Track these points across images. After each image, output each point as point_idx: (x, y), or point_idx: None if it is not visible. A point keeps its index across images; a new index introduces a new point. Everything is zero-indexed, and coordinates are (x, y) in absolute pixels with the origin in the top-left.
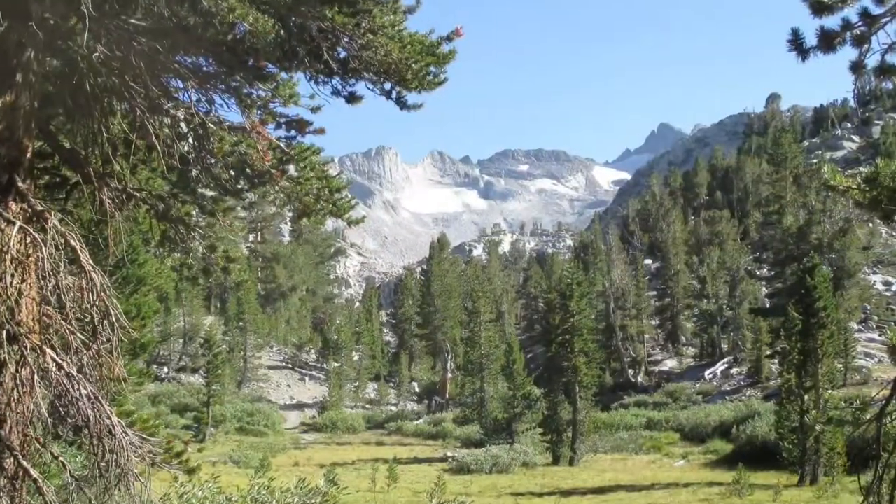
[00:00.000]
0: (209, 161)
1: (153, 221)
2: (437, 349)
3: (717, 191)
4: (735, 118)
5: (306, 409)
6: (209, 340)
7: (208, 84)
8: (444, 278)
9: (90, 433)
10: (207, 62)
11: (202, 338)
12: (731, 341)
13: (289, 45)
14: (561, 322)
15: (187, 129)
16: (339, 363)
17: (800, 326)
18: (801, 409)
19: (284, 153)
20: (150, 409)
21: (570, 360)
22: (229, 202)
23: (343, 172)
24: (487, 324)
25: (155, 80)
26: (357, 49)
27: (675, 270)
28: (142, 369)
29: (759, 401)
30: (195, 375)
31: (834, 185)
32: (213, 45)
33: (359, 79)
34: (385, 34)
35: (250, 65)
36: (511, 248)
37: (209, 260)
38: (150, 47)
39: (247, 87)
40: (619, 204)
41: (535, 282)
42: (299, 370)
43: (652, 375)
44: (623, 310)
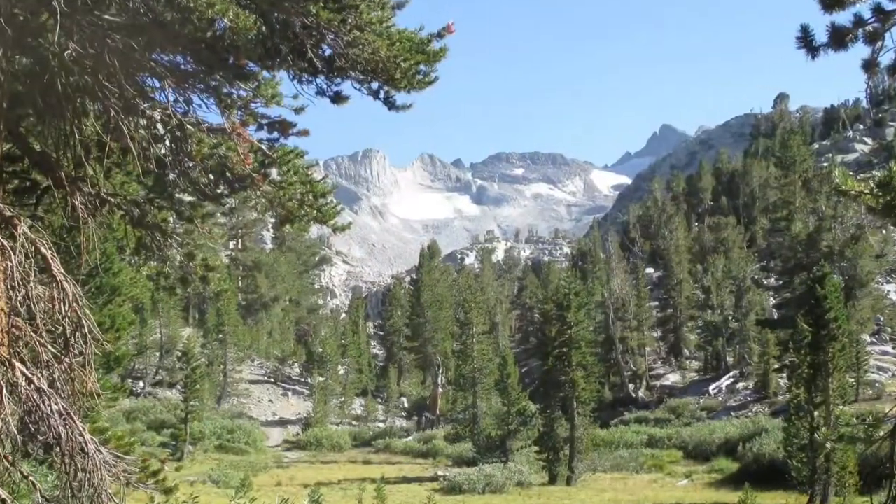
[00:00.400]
0: (187, 164)
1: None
2: (427, 363)
3: (723, 196)
4: (741, 119)
5: (289, 426)
6: (187, 353)
7: (186, 83)
8: (435, 288)
9: (62, 451)
10: (185, 60)
11: (180, 351)
12: (737, 354)
13: (271, 42)
14: (558, 334)
15: (164, 131)
16: (324, 377)
17: (809, 339)
18: (810, 425)
19: (266, 156)
20: (124, 425)
21: (567, 375)
22: (208, 208)
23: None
24: (480, 336)
25: (130, 80)
26: (343, 46)
27: (677, 280)
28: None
29: (766, 417)
30: (172, 390)
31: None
32: (192, 42)
33: (345, 78)
34: (372, 31)
35: (230, 63)
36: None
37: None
38: (125, 45)
39: (227, 86)
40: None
41: (531, 292)
42: (282, 385)
43: (653, 390)
44: (623, 321)
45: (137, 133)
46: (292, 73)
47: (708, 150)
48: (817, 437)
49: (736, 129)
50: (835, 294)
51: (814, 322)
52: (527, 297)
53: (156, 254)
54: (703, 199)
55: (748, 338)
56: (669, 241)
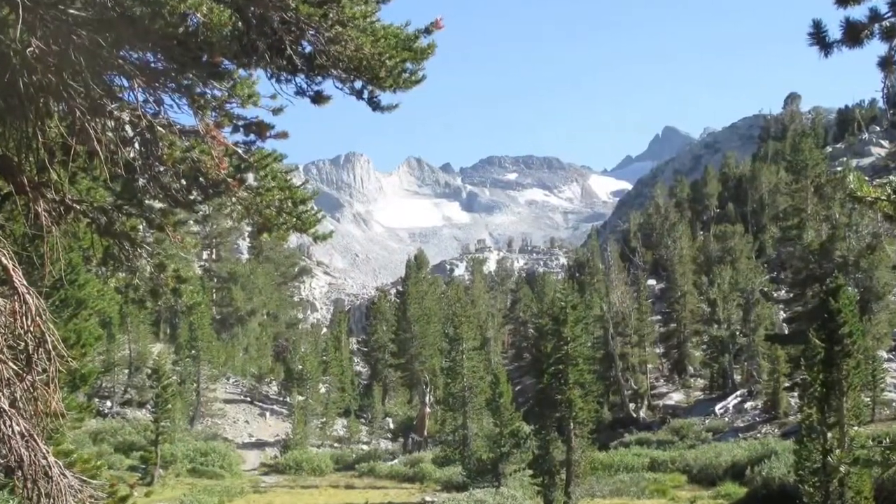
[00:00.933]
0: (157, 169)
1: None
2: (414, 381)
3: (729, 202)
4: (749, 121)
5: (267, 448)
6: (158, 371)
7: (157, 82)
8: (422, 301)
9: (24, 475)
10: (156, 58)
11: (150, 368)
12: (745, 372)
13: (247, 38)
14: (553, 350)
15: (133, 133)
16: (304, 396)
17: (822, 355)
18: (823, 447)
19: (242, 160)
20: (91, 447)
21: (563, 394)
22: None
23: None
24: (471, 352)
25: (97, 78)
26: (324, 43)
27: (681, 292)
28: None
29: (776, 439)
30: (142, 410)
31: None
32: (163, 38)
33: (326, 76)
34: (356, 26)
35: (204, 61)
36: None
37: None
38: (92, 41)
39: (200, 85)
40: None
41: (525, 305)
42: (259, 404)
43: (656, 410)
44: (623, 336)
45: (105, 135)
46: (270, 71)
47: (714, 153)
48: (831, 460)
49: (744, 132)
50: (849, 307)
51: (827, 337)
52: (520, 310)
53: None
54: (709, 205)
55: (757, 354)
56: (673, 250)
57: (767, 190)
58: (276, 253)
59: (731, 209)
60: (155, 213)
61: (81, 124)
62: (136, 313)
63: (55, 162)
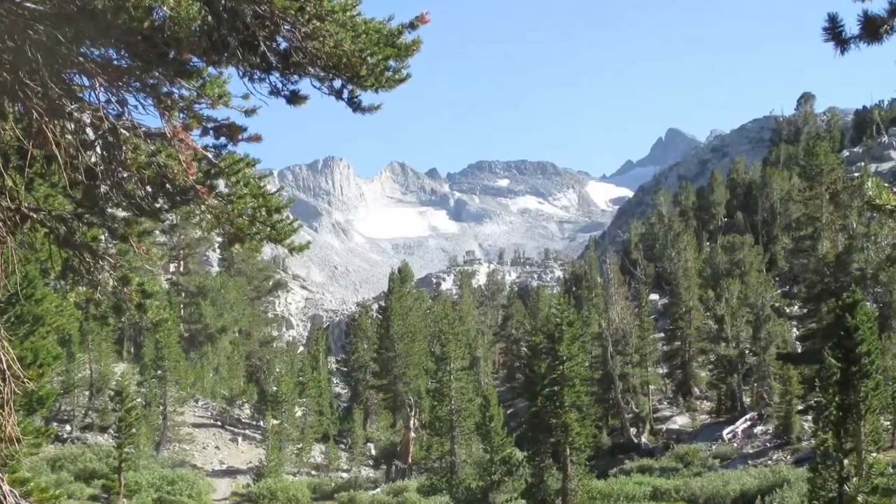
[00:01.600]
0: (121, 174)
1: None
2: (397, 403)
3: (738, 211)
4: (760, 123)
5: (239, 476)
6: (121, 393)
7: (120, 81)
8: (407, 317)
9: None
10: (119, 55)
11: (112, 389)
12: (755, 394)
13: (218, 33)
14: (548, 370)
15: (94, 136)
16: (279, 420)
17: (838, 376)
18: (839, 475)
19: (212, 165)
20: (49, 475)
21: (559, 417)
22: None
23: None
24: (459, 372)
25: (55, 77)
26: (301, 39)
27: (686, 308)
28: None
29: (788, 466)
30: (104, 435)
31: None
32: (126, 33)
33: (303, 75)
34: (335, 21)
35: (171, 58)
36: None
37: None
38: (50, 37)
39: (167, 84)
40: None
41: (517, 321)
42: (230, 429)
43: (659, 435)
44: (624, 355)
45: (64, 139)
46: (242, 69)
47: (721, 157)
48: (847, 489)
49: (754, 134)
50: (867, 324)
51: (843, 356)
52: (512, 327)
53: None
54: (716, 214)
55: (768, 374)
56: (677, 263)
57: (779, 197)
58: (249, 266)
59: (739, 218)
60: (118, 222)
61: (39, 126)
62: (98, 330)
63: (10, 167)
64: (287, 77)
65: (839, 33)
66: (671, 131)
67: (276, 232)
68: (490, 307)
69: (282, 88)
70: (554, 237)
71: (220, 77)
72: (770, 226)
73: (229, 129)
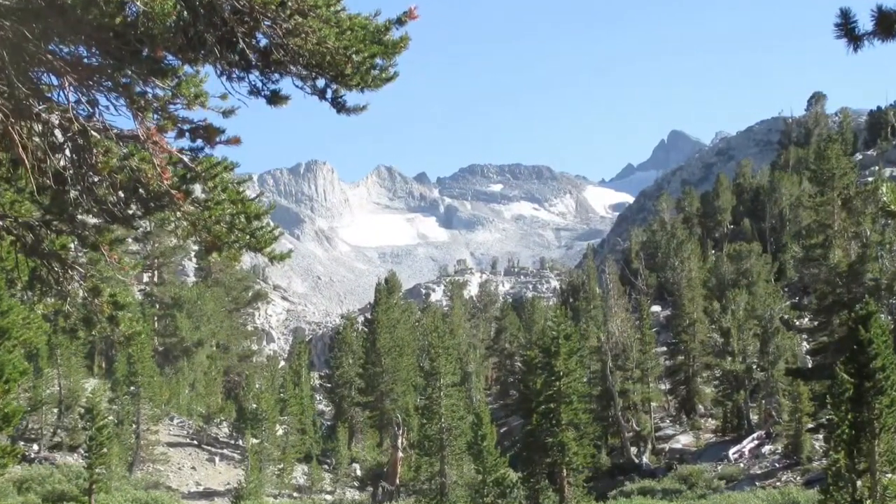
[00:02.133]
0: (92, 179)
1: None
2: (384, 421)
3: (745, 217)
4: (768, 124)
5: (216, 499)
6: (92, 410)
7: (91, 80)
8: (394, 330)
9: None
10: (90, 52)
11: (83, 406)
12: (763, 411)
13: (194, 30)
14: (544, 386)
15: (64, 139)
16: (259, 439)
17: (851, 392)
18: (852, 497)
19: (188, 169)
20: (15, 497)
21: (555, 436)
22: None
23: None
24: (449, 389)
25: (22, 76)
26: (282, 35)
27: (690, 320)
28: (5, 447)
29: (798, 488)
30: (74, 455)
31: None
32: (98, 30)
33: (284, 73)
34: (318, 16)
35: (145, 55)
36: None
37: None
38: (17, 33)
39: (140, 84)
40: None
41: (511, 335)
42: (207, 448)
43: (661, 455)
44: (624, 371)
45: (31, 141)
46: (220, 67)
47: (727, 161)
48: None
49: (761, 136)
50: (882, 338)
51: (856, 372)
52: (506, 340)
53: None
54: (722, 221)
55: (776, 391)
56: (680, 272)
57: (788, 203)
58: (227, 275)
59: (746, 225)
60: (89, 229)
61: (4, 128)
62: (67, 344)
63: None
64: (267, 76)
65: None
66: (674, 133)
67: (256, 240)
68: (482, 319)
69: (262, 88)
70: (550, 245)
71: (196, 76)
72: (779, 233)
73: (206, 130)
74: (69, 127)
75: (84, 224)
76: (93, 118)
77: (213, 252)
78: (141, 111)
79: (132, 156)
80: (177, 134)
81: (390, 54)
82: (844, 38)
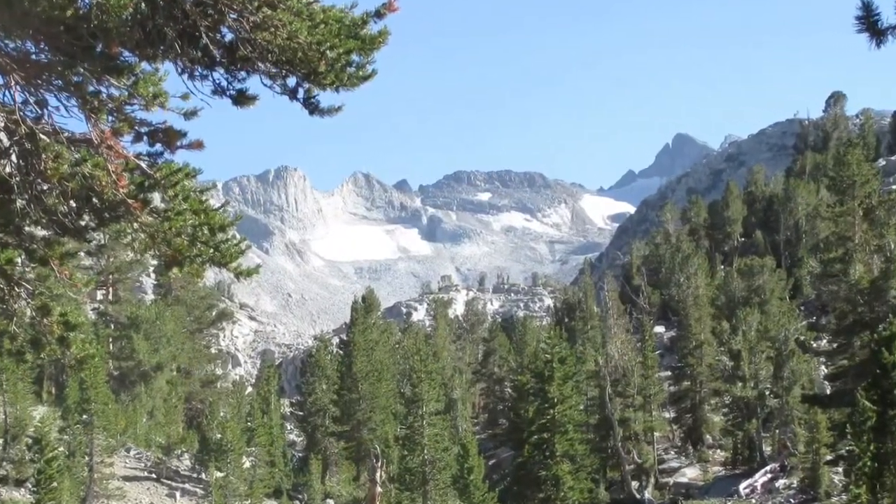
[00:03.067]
0: (40, 187)
1: None
2: (361, 453)
3: (757, 229)
4: (782, 127)
5: None
6: (40, 440)
7: (39, 79)
8: (372, 353)
9: None
10: (38, 48)
11: (30, 437)
12: (777, 442)
13: (153, 23)
14: (536, 415)
15: (9, 143)
16: (224, 472)
17: (873, 421)
18: None
19: (146, 176)
20: None
21: (549, 469)
22: (69, 245)
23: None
24: (433, 417)
25: None
26: (249, 30)
27: (697, 342)
28: None
29: None
30: (20, 490)
31: None
32: (47, 23)
33: (251, 71)
34: (288, 8)
35: (98, 52)
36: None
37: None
38: None
39: (94, 83)
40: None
41: (501, 358)
42: (167, 482)
43: (665, 489)
44: (624, 397)
45: None
46: (181, 65)
47: (737, 167)
48: None
49: (775, 140)
50: None
51: (879, 398)
52: (495, 364)
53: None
54: (732, 233)
55: (791, 419)
56: (686, 289)
57: (805, 213)
58: (189, 293)
59: (759, 237)
60: (37, 242)
61: None
62: (14, 368)
63: None
64: (233, 74)
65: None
66: (679, 137)
67: (221, 254)
68: (469, 341)
69: (227, 87)
70: (543, 260)
71: (155, 74)
72: (794, 247)
73: (166, 134)
74: (15, 130)
75: (32, 236)
76: (41, 120)
77: (174, 267)
78: (94, 112)
79: (85, 161)
80: (134, 137)
81: (368, 50)
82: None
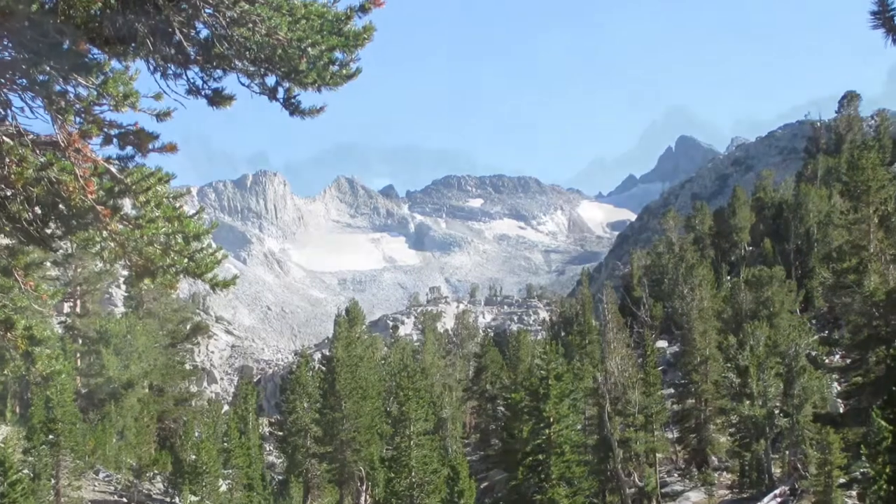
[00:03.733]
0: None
1: None
2: (345, 475)
3: (766, 237)
4: (792, 129)
5: None
6: (3, 462)
7: (2, 78)
8: (356, 369)
9: None
10: (1, 45)
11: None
12: (787, 463)
13: (123, 18)
14: (531, 435)
15: None
16: (199, 496)
17: (889, 441)
18: None
19: (116, 181)
20: None
21: (544, 492)
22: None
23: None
24: (421, 437)
25: None
26: (225, 25)
27: (702, 357)
28: None
29: None
30: None
31: None
32: (10, 18)
33: (228, 69)
34: (267, 3)
35: (65, 49)
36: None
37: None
38: None
39: (60, 81)
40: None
41: (493, 374)
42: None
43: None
44: (624, 416)
45: None
46: (154, 62)
47: (745, 172)
48: None
49: (785, 143)
50: None
51: (895, 418)
52: (487, 381)
53: None
54: (739, 241)
55: (802, 440)
56: (690, 302)
57: (817, 221)
58: (162, 305)
59: (768, 246)
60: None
61: None
62: None
63: None
64: (208, 72)
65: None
66: (683, 139)
67: (196, 264)
68: (459, 356)
69: (202, 86)
70: (538, 270)
71: (125, 73)
72: (805, 256)
73: (137, 136)
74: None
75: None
76: (5, 122)
77: (146, 278)
78: (61, 113)
79: (51, 165)
80: (103, 140)
81: (352, 47)
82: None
